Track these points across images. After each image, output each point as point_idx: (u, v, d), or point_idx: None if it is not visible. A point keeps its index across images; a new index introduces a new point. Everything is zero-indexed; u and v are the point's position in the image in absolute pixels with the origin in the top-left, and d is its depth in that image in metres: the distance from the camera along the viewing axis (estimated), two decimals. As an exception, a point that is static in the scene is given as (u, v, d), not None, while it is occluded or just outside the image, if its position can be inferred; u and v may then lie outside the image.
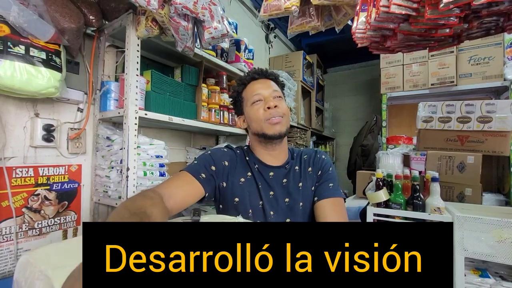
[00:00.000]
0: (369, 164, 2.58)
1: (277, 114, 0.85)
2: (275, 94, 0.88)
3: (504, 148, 1.46)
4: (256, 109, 0.87)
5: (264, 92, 0.88)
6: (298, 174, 0.90)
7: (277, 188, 0.87)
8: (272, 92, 0.88)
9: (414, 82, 2.41)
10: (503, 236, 1.01)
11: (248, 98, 0.90)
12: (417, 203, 1.20)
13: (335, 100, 4.18)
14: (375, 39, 0.91)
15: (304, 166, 0.92)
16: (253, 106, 0.88)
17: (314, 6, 1.09)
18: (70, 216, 1.19)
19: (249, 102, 0.89)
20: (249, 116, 0.90)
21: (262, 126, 0.86)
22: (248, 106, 0.90)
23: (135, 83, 1.12)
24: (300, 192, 0.87)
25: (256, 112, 0.87)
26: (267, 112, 0.85)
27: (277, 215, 0.84)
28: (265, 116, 0.85)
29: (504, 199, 1.64)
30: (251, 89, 0.90)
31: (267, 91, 0.88)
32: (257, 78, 0.91)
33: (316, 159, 0.94)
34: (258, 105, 0.87)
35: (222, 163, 0.86)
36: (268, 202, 0.85)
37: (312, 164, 0.93)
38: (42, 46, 0.94)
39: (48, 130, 1.09)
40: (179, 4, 0.94)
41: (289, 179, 0.89)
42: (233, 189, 0.85)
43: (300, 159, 0.95)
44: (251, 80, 0.92)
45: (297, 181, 0.89)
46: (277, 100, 0.87)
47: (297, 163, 0.93)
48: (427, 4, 0.68)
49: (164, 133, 1.61)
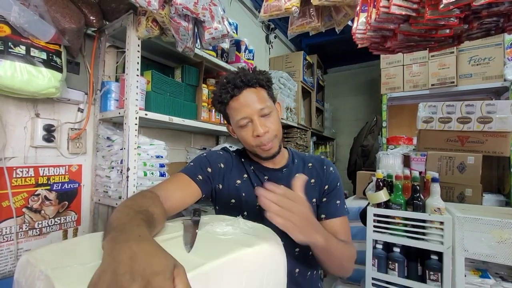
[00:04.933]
0: (369, 164, 2.58)
1: (268, 140, 0.77)
2: (262, 112, 0.76)
3: (504, 149, 1.46)
4: (244, 133, 0.79)
5: (250, 113, 0.76)
6: None
7: None
8: (258, 111, 0.76)
9: (414, 82, 2.41)
10: (503, 237, 1.01)
11: (233, 119, 0.80)
12: (417, 203, 1.20)
13: (335, 100, 4.18)
14: (375, 39, 0.91)
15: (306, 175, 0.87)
16: (240, 129, 0.79)
17: (314, 7, 1.09)
18: (70, 216, 1.19)
19: (235, 124, 0.80)
20: (239, 136, 0.82)
21: (253, 149, 0.81)
22: (235, 127, 0.81)
23: (136, 83, 1.12)
24: None
25: (245, 136, 0.79)
26: (257, 140, 0.77)
27: None
28: (256, 143, 0.78)
29: (504, 200, 1.64)
30: (234, 110, 0.78)
31: (253, 111, 0.76)
32: (237, 95, 0.77)
33: (323, 172, 0.87)
34: (246, 129, 0.78)
35: (217, 165, 0.85)
36: None
37: (317, 176, 0.87)
38: (43, 47, 0.94)
39: (48, 130, 1.09)
40: (180, 4, 0.94)
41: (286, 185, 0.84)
42: (229, 190, 0.84)
43: (304, 166, 0.89)
44: (232, 98, 0.78)
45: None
46: (265, 119, 0.77)
47: (299, 170, 0.87)
48: (427, 4, 0.68)
49: (164, 133, 1.61)
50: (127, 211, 0.49)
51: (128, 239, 0.38)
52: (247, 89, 0.77)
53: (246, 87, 0.77)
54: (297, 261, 0.81)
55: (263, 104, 0.77)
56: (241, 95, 0.77)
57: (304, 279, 0.83)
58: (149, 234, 0.43)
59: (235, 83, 0.76)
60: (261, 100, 0.77)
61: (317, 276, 0.87)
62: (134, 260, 0.33)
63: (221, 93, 0.78)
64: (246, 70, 0.79)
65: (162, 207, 0.61)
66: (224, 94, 0.77)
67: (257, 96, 0.77)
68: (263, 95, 0.79)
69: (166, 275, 0.32)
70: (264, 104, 0.77)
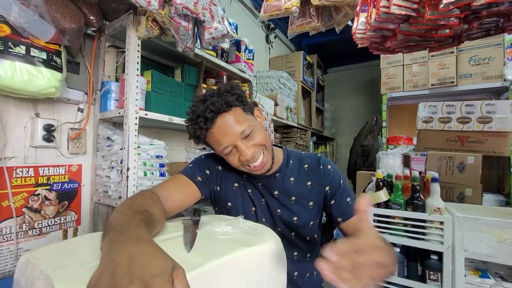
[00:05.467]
0: (369, 164, 2.58)
1: (256, 161, 0.73)
2: (243, 134, 0.70)
3: (504, 149, 1.46)
4: (232, 159, 0.74)
5: (231, 140, 0.70)
6: (292, 187, 0.81)
7: (267, 198, 0.82)
8: (239, 134, 0.70)
9: (414, 82, 2.41)
10: (503, 237, 1.01)
11: (216, 149, 0.75)
12: (417, 203, 1.20)
13: (335, 100, 4.18)
14: (375, 39, 0.91)
15: (302, 179, 0.83)
16: (226, 156, 0.75)
17: (314, 7, 1.09)
18: (70, 216, 1.19)
19: (220, 152, 0.75)
20: (227, 160, 0.77)
21: (243, 169, 0.77)
22: (221, 154, 0.76)
23: (136, 83, 1.12)
24: (294, 207, 0.80)
25: (233, 162, 0.75)
26: (246, 163, 0.73)
27: (268, 222, 0.82)
28: (245, 166, 0.74)
29: (504, 200, 1.64)
30: (214, 142, 0.73)
31: (233, 138, 0.70)
32: (212, 128, 0.70)
33: (319, 172, 0.82)
34: (232, 155, 0.73)
35: (215, 167, 0.85)
36: (261, 208, 0.83)
37: (314, 178, 0.82)
38: (43, 46, 0.94)
39: (48, 130, 1.09)
40: (180, 4, 0.94)
41: (280, 191, 0.81)
42: (226, 193, 0.84)
43: (299, 168, 0.85)
44: (207, 131, 0.71)
45: (290, 195, 0.81)
46: (248, 140, 0.72)
47: (293, 173, 0.83)
48: (427, 4, 0.68)
49: (164, 133, 1.61)
50: (127, 211, 0.49)
51: (126, 240, 0.37)
52: (220, 116, 0.70)
53: (218, 114, 0.70)
54: (295, 264, 0.81)
55: (242, 126, 0.70)
56: (215, 125, 0.70)
57: (303, 281, 0.83)
58: (148, 235, 0.43)
59: (205, 116, 0.69)
60: (238, 122, 0.70)
61: (318, 277, 0.86)
62: (132, 262, 0.33)
63: (194, 130, 0.72)
64: (213, 95, 0.71)
65: (162, 207, 0.61)
66: (198, 130, 0.71)
67: (233, 119, 0.70)
68: (239, 115, 0.72)
69: (165, 277, 0.32)
70: (243, 126, 0.70)
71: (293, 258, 0.81)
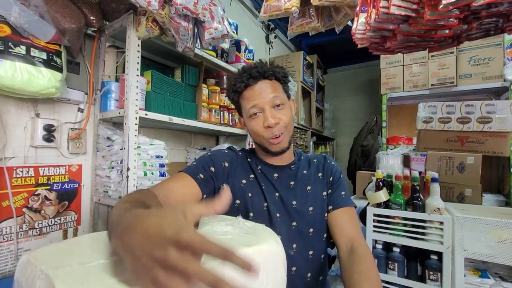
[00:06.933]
0: (369, 164, 2.58)
1: (278, 131, 0.77)
2: (274, 101, 0.77)
3: (504, 149, 1.46)
4: (255, 123, 0.79)
5: (262, 102, 0.77)
6: (306, 177, 0.87)
7: (282, 190, 0.83)
8: (270, 100, 0.77)
9: (414, 82, 2.41)
10: (502, 237, 1.01)
11: (245, 108, 0.81)
12: (417, 203, 1.20)
13: (335, 100, 4.18)
14: (375, 39, 0.91)
15: (313, 170, 0.89)
16: (251, 119, 0.79)
17: (314, 7, 1.09)
18: (70, 216, 1.19)
19: (246, 113, 0.80)
20: (249, 128, 0.82)
21: (263, 142, 0.80)
22: (246, 117, 0.82)
23: (136, 83, 1.12)
24: (309, 196, 0.83)
25: (255, 127, 0.79)
26: (267, 131, 0.77)
27: (283, 217, 0.81)
28: (266, 134, 0.78)
29: (504, 200, 1.64)
30: (247, 99, 0.79)
31: (265, 100, 0.77)
32: (252, 84, 0.78)
33: (327, 164, 0.90)
34: (256, 119, 0.78)
35: (222, 164, 0.84)
36: (273, 203, 0.81)
37: (322, 169, 0.89)
38: (43, 47, 0.94)
39: (48, 130, 1.09)
40: (180, 4, 0.94)
41: (296, 181, 0.85)
42: (233, 190, 0.82)
43: (309, 162, 0.91)
44: (246, 88, 0.79)
45: (305, 185, 0.85)
46: (277, 110, 0.78)
47: (305, 166, 0.89)
48: (427, 5, 0.69)
49: (164, 133, 1.61)
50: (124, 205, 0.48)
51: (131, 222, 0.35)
52: (262, 80, 0.78)
53: (262, 78, 0.78)
54: (309, 264, 0.79)
55: (276, 95, 0.77)
56: (255, 85, 0.78)
57: (316, 284, 0.81)
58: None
59: (251, 73, 0.77)
60: (275, 91, 0.78)
61: (327, 281, 0.86)
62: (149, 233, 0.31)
63: (236, 82, 0.79)
64: (264, 63, 0.81)
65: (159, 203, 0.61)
66: (239, 83, 0.79)
67: (271, 87, 0.78)
68: (277, 87, 0.80)
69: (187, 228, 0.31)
70: (277, 97, 0.78)
71: (307, 258, 0.79)
